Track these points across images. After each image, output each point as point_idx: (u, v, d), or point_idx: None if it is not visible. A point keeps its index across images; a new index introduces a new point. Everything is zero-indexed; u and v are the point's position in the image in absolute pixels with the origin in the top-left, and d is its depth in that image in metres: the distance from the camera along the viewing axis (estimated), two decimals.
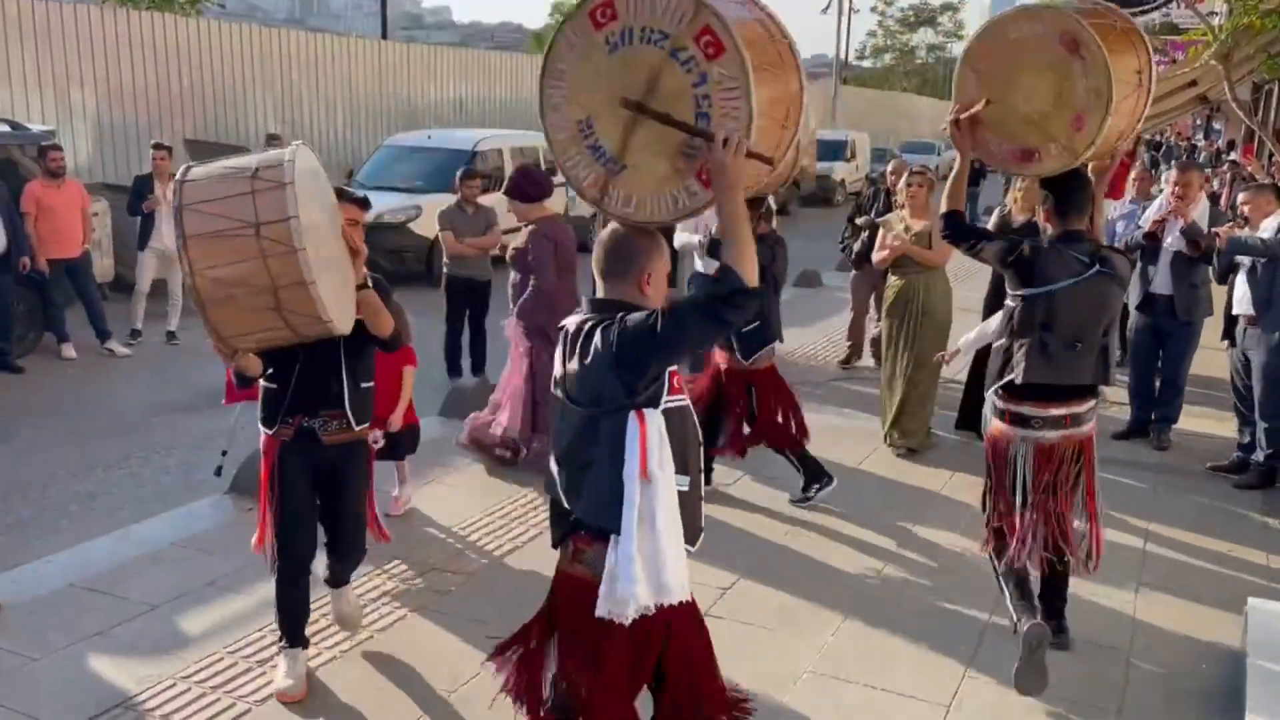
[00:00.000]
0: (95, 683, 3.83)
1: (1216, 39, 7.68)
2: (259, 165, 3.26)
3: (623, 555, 2.51)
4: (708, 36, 2.44)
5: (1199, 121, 27.28)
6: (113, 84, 13.95)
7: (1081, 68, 3.44)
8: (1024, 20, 3.56)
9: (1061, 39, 3.45)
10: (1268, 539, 5.39)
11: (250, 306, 3.16)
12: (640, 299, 2.61)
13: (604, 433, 2.52)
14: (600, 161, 2.65)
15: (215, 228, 3.12)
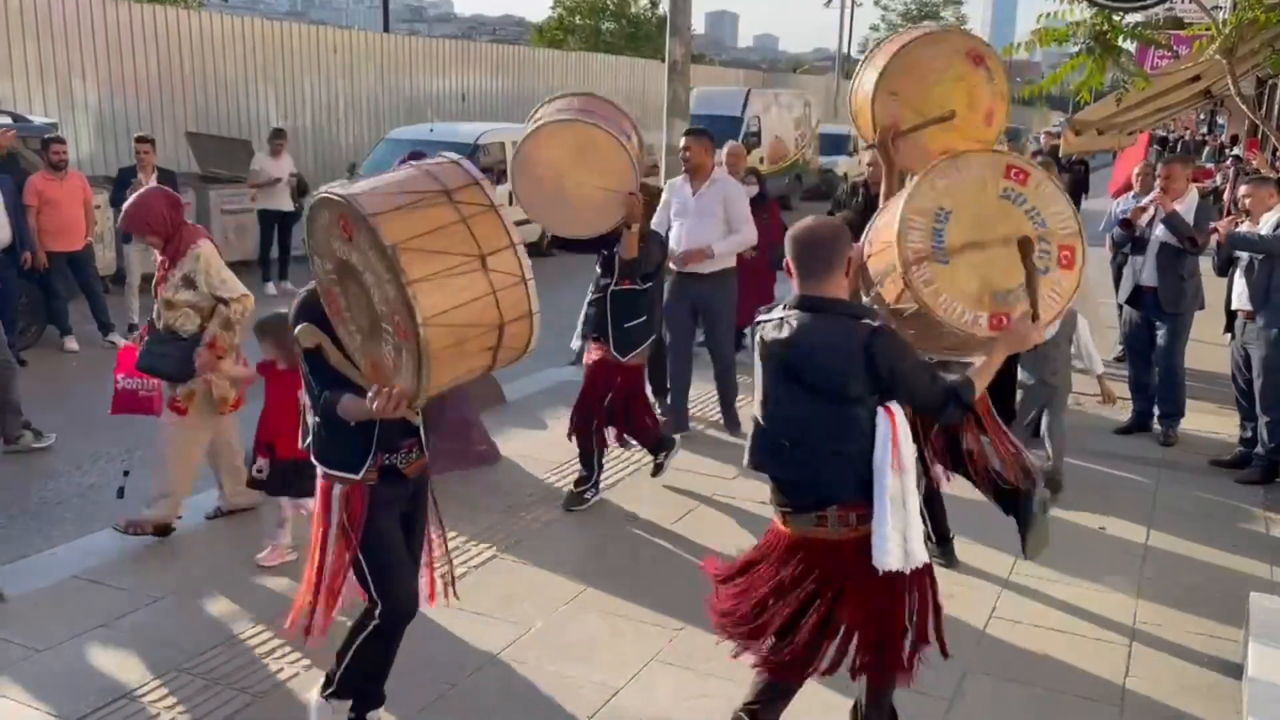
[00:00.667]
0: (98, 674, 3.84)
1: (1221, 33, 7.64)
2: (451, 187, 2.73)
3: (879, 534, 2.85)
4: (1066, 252, 3.23)
5: (1202, 116, 27.21)
6: (115, 76, 13.94)
7: (987, 75, 4.10)
8: (928, 44, 4.19)
9: (968, 55, 4.11)
10: (1270, 534, 5.40)
11: (475, 350, 2.73)
12: (842, 290, 2.97)
13: (853, 424, 2.88)
14: (934, 242, 3.16)
15: (444, 266, 2.60)
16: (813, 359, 2.89)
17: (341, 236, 2.73)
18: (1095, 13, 7.65)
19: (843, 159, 24.62)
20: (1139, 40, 8.65)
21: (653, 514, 5.43)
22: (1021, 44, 8.22)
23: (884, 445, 2.86)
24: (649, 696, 3.80)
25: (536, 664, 3.98)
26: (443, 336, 2.59)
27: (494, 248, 2.66)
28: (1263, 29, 7.93)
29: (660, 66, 9.86)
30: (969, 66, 4.09)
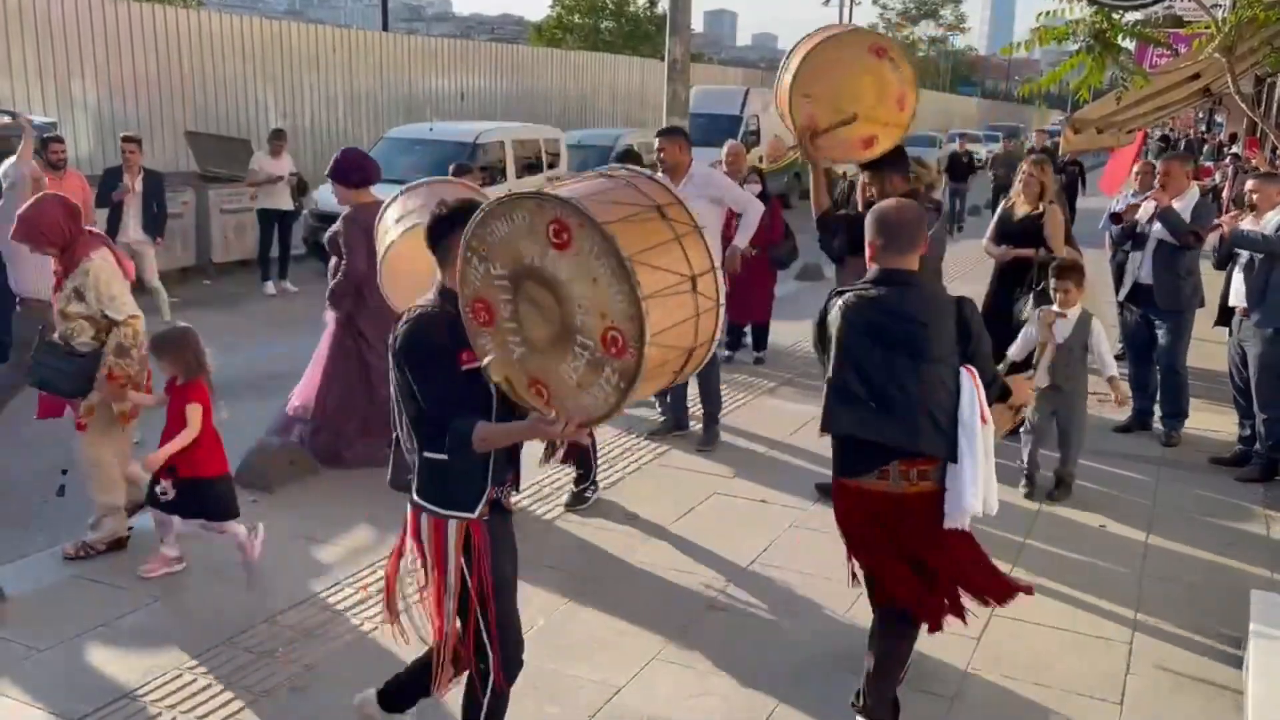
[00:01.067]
0: (99, 674, 3.84)
1: (1220, 31, 7.64)
2: (660, 203, 2.66)
3: (967, 480, 3.24)
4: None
5: (1201, 115, 27.22)
6: (114, 76, 13.95)
7: (891, 65, 4.41)
8: (833, 46, 4.45)
9: (871, 49, 4.43)
10: (1270, 532, 5.40)
11: (664, 374, 2.70)
12: (915, 263, 3.36)
13: (941, 383, 3.25)
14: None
15: (665, 284, 2.54)
16: (913, 324, 3.26)
17: (548, 241, 2.55)
18: (1094, 11, 7.66)
19: None
20: (1138, 38, 8.66)
21: (653, 513, 5.43)
22: (1021, 43, 8.23)
23: (970, 400, 3.25)
24: (650, 695, 3.80)
25: (537, 663, 3.97)
26: (655, 356, 2.52)
27: (702, 269, 2.62)
28: (1262, 27, 7.94)
29: (659, 65, 9.87)
30: (874, 60, 4.42)
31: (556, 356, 2.64)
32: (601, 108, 25.84)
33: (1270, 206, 5.97)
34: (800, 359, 8.73)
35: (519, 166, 14.63)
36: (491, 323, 2.74)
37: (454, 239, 2.77)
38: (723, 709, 3.72)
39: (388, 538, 5.00)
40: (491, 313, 2.73)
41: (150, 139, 14.23)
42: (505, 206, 2.63)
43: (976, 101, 65.16)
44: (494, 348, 2.74)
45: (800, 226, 8.61)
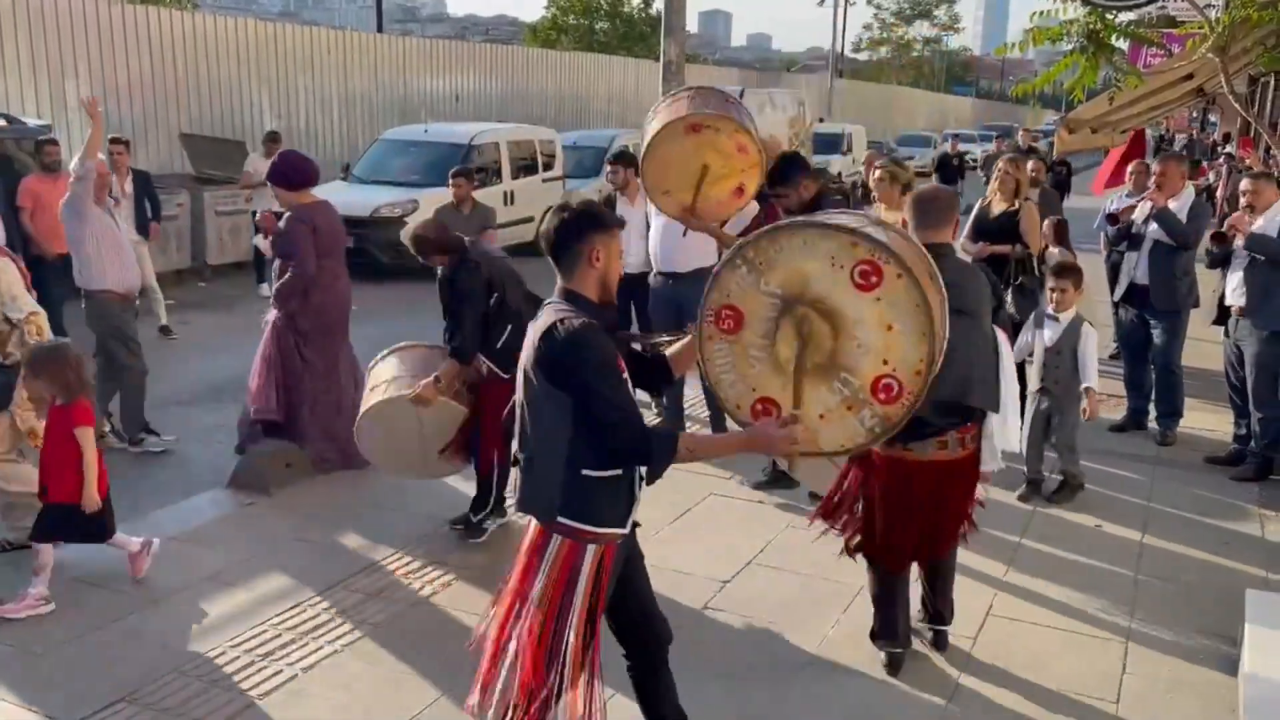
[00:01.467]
0: (97, 677, 3.83)
1: (1213, 31, 7.67)
2: (932, 271, 2.88)
3: (1012, 424, 3.92)
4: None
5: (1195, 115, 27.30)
6: (108, 78, 13.92)
7: (712, 131, 4.84)
8: (659, 144, 4.92)
9: (688, 130, 4.85)
10: (1264, 531, 5.42)
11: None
12: (947, 236, 3.75)
13: (989, 339, 3.72)
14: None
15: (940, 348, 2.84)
16: (964, 289, 3.53)
17: (851, 280, 2.65)
18: (1088, 11, 7.68)
19: (836, 158, 24.65)
20: (1132, 38, 8.69)
21: (650, 514, 5.41)
22: (1015, 43, 8.25)
23: (1007, 353, 3.84)
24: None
25: None
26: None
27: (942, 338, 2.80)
28: (1255, 27, 7.97)
29: (654, 66, 9.87)
30: (697, 137, 4.90)
31: (808, 384, 2.70)
32: (596, 109, 25.84)
33: (1267, 206, 5.97)
34: None
35: (514, 168, 14.63)
36: (735, 331, 2.76)
37: (584, 244, 2.79)
38: (720, 707, 3.73)
39: (386, 541, 5.01)
40: (740, 323, 2.75)
41: (145, 141, 14.21)
42: (808, 230, 2.70)
43: (971, 102, 65.27)
44: (726, 357, 2.75)
45: None
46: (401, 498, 5.50)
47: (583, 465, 2.77)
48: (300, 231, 5.68)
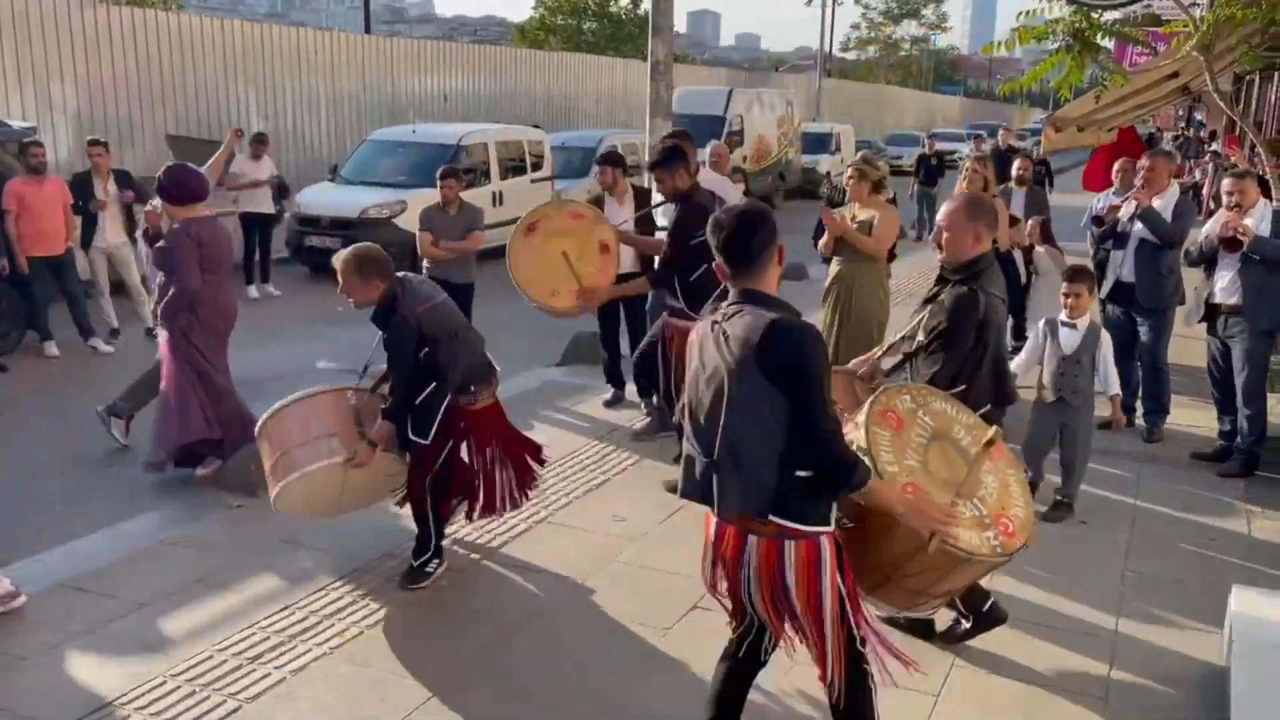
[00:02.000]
0: (84, 682, 3.82)
1: (1198, 30, 7.70)
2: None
3: None
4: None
5: (1181, 113, 27.39)
6: (94, 79, 13.86)
7: (545, 220, 5.66)
8: (517, 261, 5.61)
9: (526, 232, 5.59)
10: (1250, 527, 5.44)
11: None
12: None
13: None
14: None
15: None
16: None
17: (983, 447, 3.27)
18: (1074, 10, 7.71)
19: (825, 158, 24.73)
20: (1117, 37, 8.72)
21: (639, 515, 5.44)
22: (1001, 42, 8.28)
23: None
24: (638, 696, 3.80)
25: (522, 665, 3.98)
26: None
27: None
28: (1239, 25, 8.00)
29: (642, 66, 9.88)
30: (534, 233, 5.52)
31: (947, 490, 3.15)
32: (585, 109, 25.84)
33: (1252, 203, 5.99)
34: None
35: (503, 168, 14.62)
36: (899, 429, 3.19)
37: (774, 245, 2.89)
38: None
39: (374, 544, 5.00)
40: (901, 428, 3.20)
41: (131, 143, 14.17)
42: (955, 409, 3.37)
43: (959, 101, 65.44)
44: (889, 444, 3.12)
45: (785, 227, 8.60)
46: (389, 502, 5.48)
47: (797, 467, 2.76)
48: (185, 246, 5.62)
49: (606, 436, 6.60)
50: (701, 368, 2.88)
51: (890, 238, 6.55)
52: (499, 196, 14.16)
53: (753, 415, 2.75)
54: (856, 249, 6.40)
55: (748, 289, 2.86)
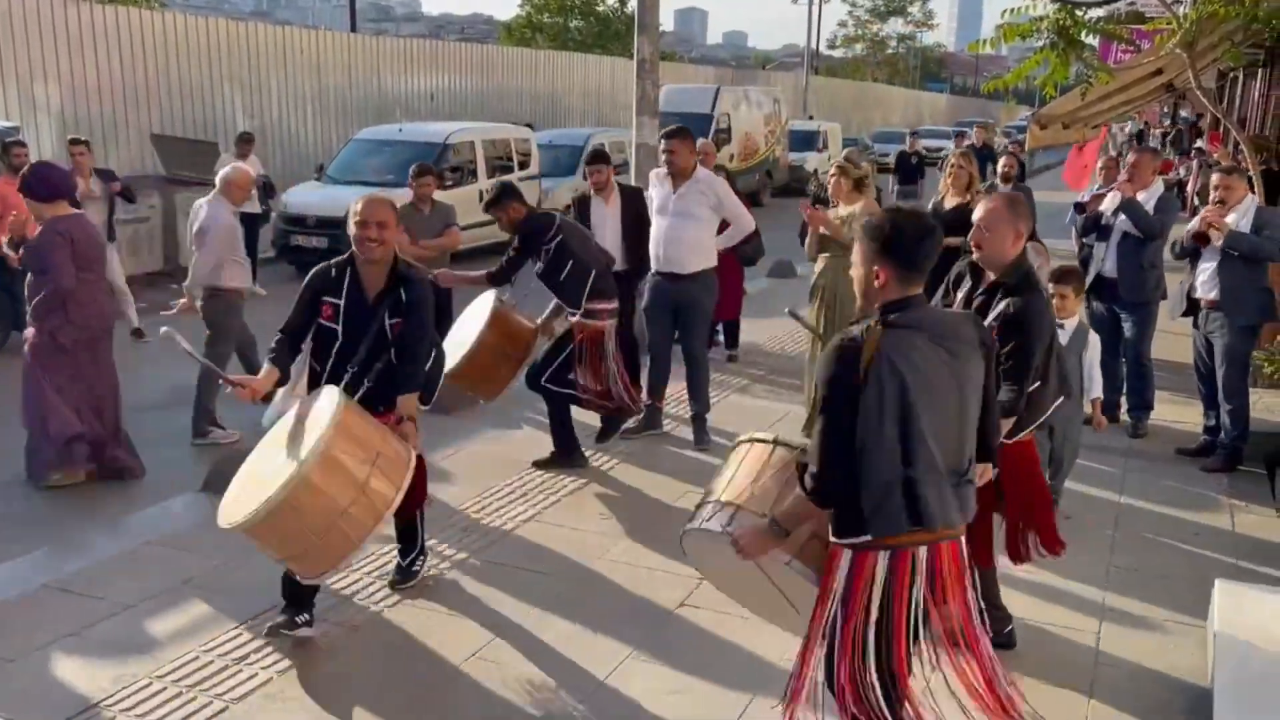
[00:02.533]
0: (70, 683, 3.80)
1: (1181, 27, 7.75)
2: None
3: None
4: None
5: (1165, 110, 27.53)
6: (77, 78, 13.79)
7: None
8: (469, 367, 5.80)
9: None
10: (1234, 522, 5.48)
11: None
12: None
13: None
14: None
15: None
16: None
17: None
18: (1058, 8, 7.74)
19: (812, 155, 24.75)
20: (1102, 35, 8.76)
21: (626, 513, 5.44)
22: (987, 39, 8.31)
23: None
24: (624, 693, 3.81)
25: (512, 664, 3.98)
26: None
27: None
28: (1222, 22, 8.05)
29: (629, 64, 9.89)
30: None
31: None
32: (572, 107, 25.81)
33: (1237, 200, 6.01)
34: (772, 356, 8.76)
35: (490, 167, 14.60)
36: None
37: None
38: (697, 706, 3.74)
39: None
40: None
41: (115, 142, 14.10)
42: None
43: (946, 98, 65.61)
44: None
45: (767, 224, 8.65)
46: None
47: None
48: (55, 244, 5.54)
49: (593, 434, 6.60)
50: (926, 387, 2.65)
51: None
52: (485, 195, 14.13)
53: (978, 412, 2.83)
54: (842, 245, 6.41)
55: (919, 296, 2.77)
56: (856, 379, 2.60)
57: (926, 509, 2.68)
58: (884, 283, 2.72)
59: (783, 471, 3.03)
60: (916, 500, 2.67)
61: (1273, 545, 5.20)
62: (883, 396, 2.60)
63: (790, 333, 9.53)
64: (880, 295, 2.73)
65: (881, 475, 2.65)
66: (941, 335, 2.71)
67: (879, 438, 2.62)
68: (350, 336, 4.03)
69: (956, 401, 2.73)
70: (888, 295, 2.72)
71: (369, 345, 4.01)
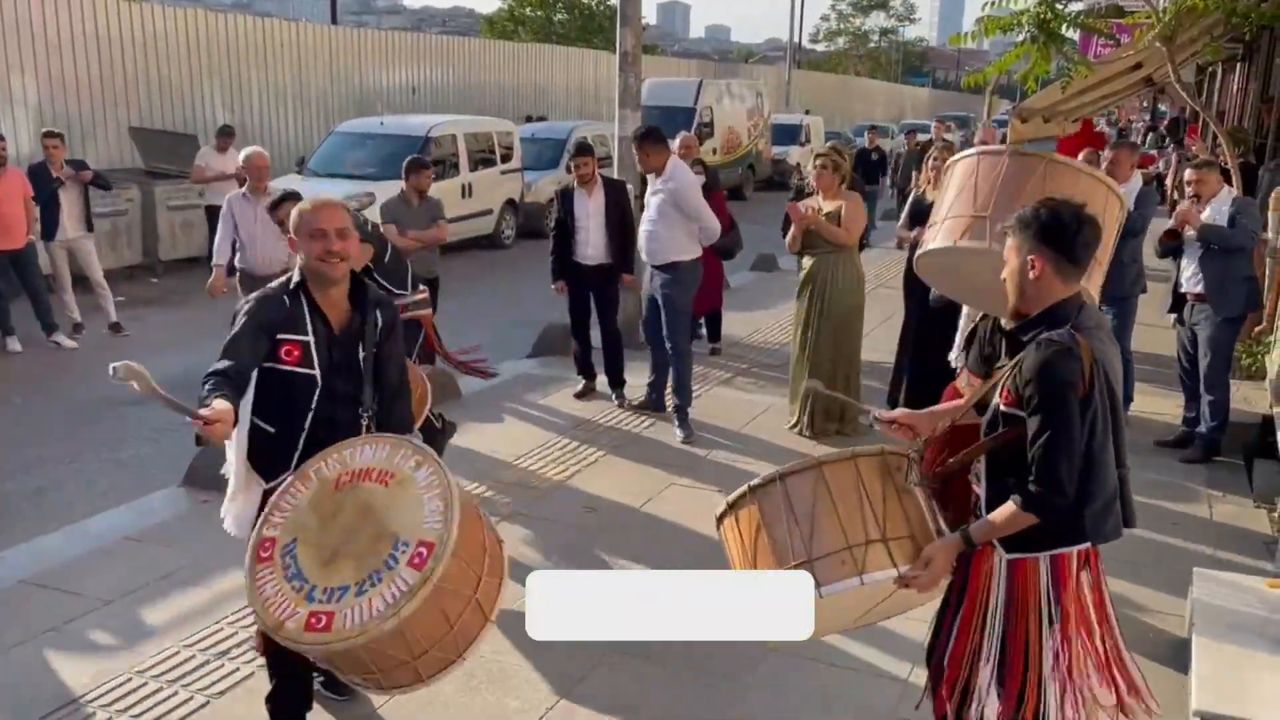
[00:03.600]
0: (49, 680, 3.77)
1: (1160, 21, 7.80)
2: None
3: None
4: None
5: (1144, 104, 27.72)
6: (54, 72, 13.64)
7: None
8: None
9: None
10: (1212, 512, 5.53)
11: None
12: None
13: None
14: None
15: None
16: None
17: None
18: (1038, 2, 7.78)
19: (795, 149, 24.78)
20: (1081, 29, 8.81)
21: (611, 504, 5.44)
22: (968, 33, 8.34)
23: None
24: (609, 687, 3.81)
25: (494, 656, 3.97)
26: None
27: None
28: (1201, 17, 8.11)
29: (612, 58, 9.85)
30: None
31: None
32: (554, 100, 25.74)
33: (1213, 194, 6.07)
34: (756, 349, 8.78)
35: (472, 160, 14.55)
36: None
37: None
38: (682, 699, 3.75)
39: None
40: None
41: (94, 136, 13.96)
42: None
43: (929, 92, 65.79)
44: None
45: (749, 217, 8.64)
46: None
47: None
48: None
49: (577, 427, 6.60)
50: (1109, 385, 2.62)
51: (860, 225, 6.57)
52: (468, 188, 14.09)
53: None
54: (827, 240, 6.42)
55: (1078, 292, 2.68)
56: (1082, 388, 2.52)
57: (1131, 509, 2.73)
58: (1039, 274, 2.58)
59: (883, 482, 2.74)
60: (1126, 503, 2.71)
61: (1250, 534, 5.26)
62: (1104, 404, 2.57)
63: (773, 324, 9.55)
64: (1037, 290, 2.60)
65: (1111, 482, 2.65)
66: (1107, 333, 2.71)
67: (1105, 445, 2.59)
68: (333, 381, 3.21)
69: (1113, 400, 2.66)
70: (1053, 294, 2.60)
71: (372, 386, 3.25)
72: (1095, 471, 2.60)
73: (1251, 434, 6.26)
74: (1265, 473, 5.79)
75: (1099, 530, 2.68)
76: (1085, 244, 2.60)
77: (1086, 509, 2.64)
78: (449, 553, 2.60)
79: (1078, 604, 2.70)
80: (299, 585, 2.68)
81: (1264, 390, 6.92)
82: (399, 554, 2.62)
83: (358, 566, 2.65)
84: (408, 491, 2.75)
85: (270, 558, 2.79)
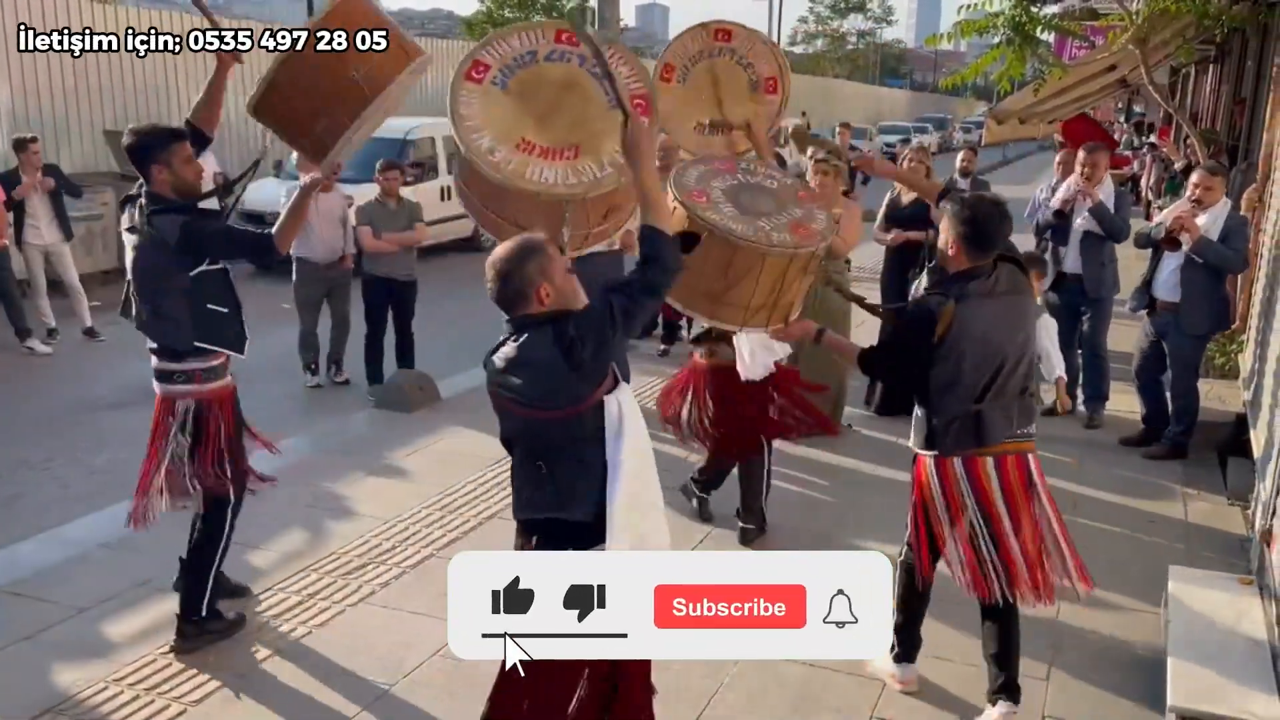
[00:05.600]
0: (22, 689, 3.73)
1: (1134, 23, 7.87)
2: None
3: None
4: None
5: (1119, 105, 27.94)
6: (26, 74, 13.51)
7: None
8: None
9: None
10: (1187, 509, 5.58)
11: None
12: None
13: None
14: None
15: None
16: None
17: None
18: (1014, 4, 7.84)
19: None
20: (1056, 31, 8.88)
21: None
22: (944, 34, 8.39)
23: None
24: None
25: (474, 661, 3.96)
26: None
27: None
28: (1174, 19, 8.19)
29: None
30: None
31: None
32: None
33: (1214, 202, 5.98)
34: None
35: (451, 163, 14.51)
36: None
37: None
38: (675, 686, 3.74)
39: (322, 543, 4.95)
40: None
41: (68, 139, 13.84)
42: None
43: (906, 94, 66.11)
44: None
45: None
46: (338, 502, 5.45)
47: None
48: None
49: None
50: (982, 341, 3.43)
51: (856, 236, 6.32)
52: (447, 191, 14.04)
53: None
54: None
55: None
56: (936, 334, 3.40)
57: (986, 434, 3.49)
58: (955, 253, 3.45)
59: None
60: (981, 429, 3.49)
61: (1224, 533, 5.31)
62: (960, 353, 3.42)
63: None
64: (948, 262, 3.49)
65: (959, 409, 3.46)
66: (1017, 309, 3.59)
67: (956, 380, 3.45)
68: None
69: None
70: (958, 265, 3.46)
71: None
72: (944, 396, 3.44)
73: (1225, 432, 6.31)
74: (1239, 470, 5.84)
75: (943, 442, 3.49)
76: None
77: (936, 420, 3.48)
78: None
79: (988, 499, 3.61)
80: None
81: (1237, 388, 7.00)
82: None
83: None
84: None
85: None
